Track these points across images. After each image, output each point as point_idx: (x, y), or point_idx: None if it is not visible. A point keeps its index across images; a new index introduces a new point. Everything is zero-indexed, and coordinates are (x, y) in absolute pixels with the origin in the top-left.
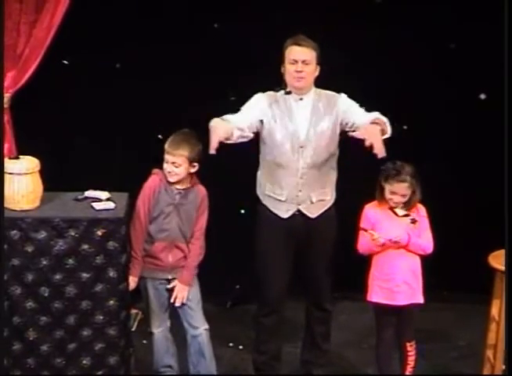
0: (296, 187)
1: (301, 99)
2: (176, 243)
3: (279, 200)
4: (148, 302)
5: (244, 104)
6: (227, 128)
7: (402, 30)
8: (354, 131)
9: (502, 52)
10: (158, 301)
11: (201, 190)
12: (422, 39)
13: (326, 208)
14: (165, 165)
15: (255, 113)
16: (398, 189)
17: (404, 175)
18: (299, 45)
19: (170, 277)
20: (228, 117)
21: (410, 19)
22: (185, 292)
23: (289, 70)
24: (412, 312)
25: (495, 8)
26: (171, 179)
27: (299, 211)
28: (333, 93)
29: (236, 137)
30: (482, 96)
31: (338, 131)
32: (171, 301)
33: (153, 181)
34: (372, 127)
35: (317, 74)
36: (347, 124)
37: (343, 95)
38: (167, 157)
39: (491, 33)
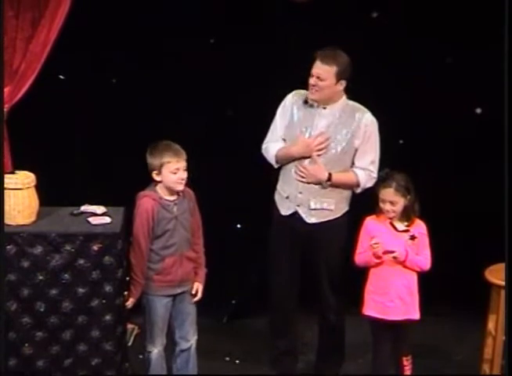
0: (296, 188)
1: (324, 107)
2: (184, 254)
3: (283, 197)
4: (155, 321)
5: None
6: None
7: (398, 44)
8: None
9: (498, 66)
10: (165, 320)
11: (188, 192)
12: (418, 53)
13: (328, 219)
14: (175, 176)
15: (280, 127)
16: (385, 196)
17: (390, 180)
18: (319, 59)
19: (179, 291)
20: (275, 146)
21: (407, 33)
22: (201, 291)
23: (308, 81)
24: (407, 328)
25: (491, 22)
26: (181, 187)
27: (297, 212)
28: (360, 107)
29: None
30: (478, 111)
31: (356, 146)
32: (194, 301)
33: (147, 203)
34: (317, 168)
35: (340, 88)
36: None
37: (368, 117)
38: (177, 165)
39: (487, 47)
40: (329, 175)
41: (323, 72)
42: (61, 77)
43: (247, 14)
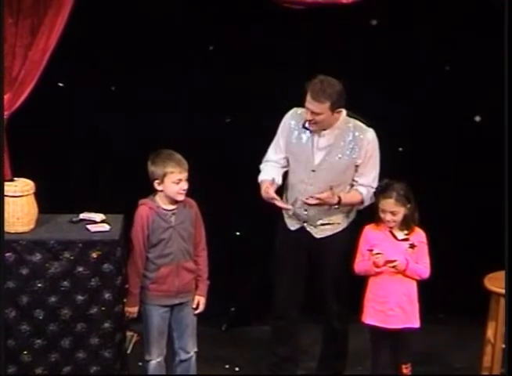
0: (302, 206)
1: (324, 129)
2: (182, 264)
3: (289, 213)
4: (150, 330)
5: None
6: (274, 186)
7: (397, 52)
8: None
9: (497, 74)
10: (161, 330)
11: (191, 202)
12: (417, 61)
13: (335, 232)
14: (177, 187)
15: (281, 145)
16: (385, 206)
17: (390, 191)
18: (310, 95)
19: (177, 302)
20: (267, 172)
21: (406, 41)
22: (203, 304)
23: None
24: (407, 336)
25: (489, 30)
26: (182, 198)
27: (304, 227)
28: (362, 126)
29: (281, 178)
30: (477, 119)
31: (358, 163)
32: (195, 313)
33: (143, 211)
34: (330, 195)
35: (338, 115)
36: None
37: (369, 135)
38: (180, 176)
39: (485, 55)
40: (339, 198)
41: (317, 108)
42: (60, 84)
43: (247, 21)
